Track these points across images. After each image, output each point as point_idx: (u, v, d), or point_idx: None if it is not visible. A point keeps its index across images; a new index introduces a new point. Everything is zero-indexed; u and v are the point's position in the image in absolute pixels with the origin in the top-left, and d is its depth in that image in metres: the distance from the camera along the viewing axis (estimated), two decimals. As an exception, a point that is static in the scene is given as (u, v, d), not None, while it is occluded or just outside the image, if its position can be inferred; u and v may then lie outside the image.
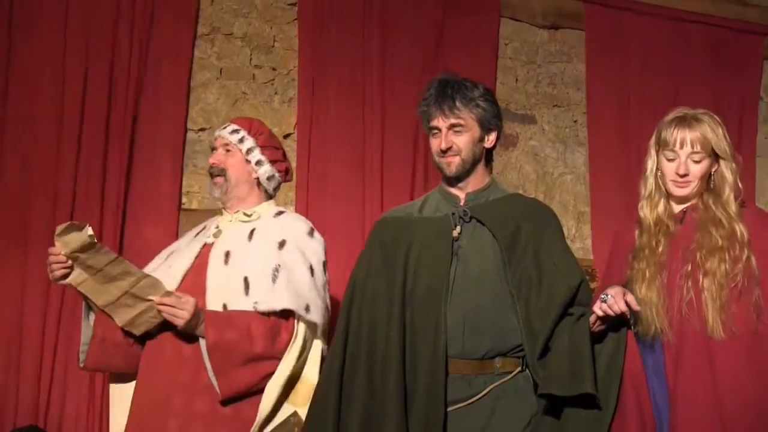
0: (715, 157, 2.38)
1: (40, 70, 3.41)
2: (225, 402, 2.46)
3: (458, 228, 2.42)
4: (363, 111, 3.79)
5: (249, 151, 2.67)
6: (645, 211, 2.44)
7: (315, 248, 2.66)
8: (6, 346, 3.23)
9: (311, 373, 2.54)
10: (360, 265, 2.51)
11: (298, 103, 3.75)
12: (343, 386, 2.37)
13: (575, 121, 4.26)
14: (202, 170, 3.58)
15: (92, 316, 2.56)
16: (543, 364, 2.28)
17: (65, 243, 2.38)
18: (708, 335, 2.23)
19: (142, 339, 2.56)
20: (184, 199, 3.63)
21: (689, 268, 2.30)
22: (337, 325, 2.48)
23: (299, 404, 2.50)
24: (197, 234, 2.74)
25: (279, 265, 2.54)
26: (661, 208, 2.43)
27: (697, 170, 2.38)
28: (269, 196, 2.76)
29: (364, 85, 3.81)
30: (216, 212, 2.81)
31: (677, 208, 2.44)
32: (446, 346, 2.30)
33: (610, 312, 2.23)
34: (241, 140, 2.68)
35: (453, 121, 2.43)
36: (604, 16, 4.26)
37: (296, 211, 3.63)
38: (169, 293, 2.45)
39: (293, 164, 3.68)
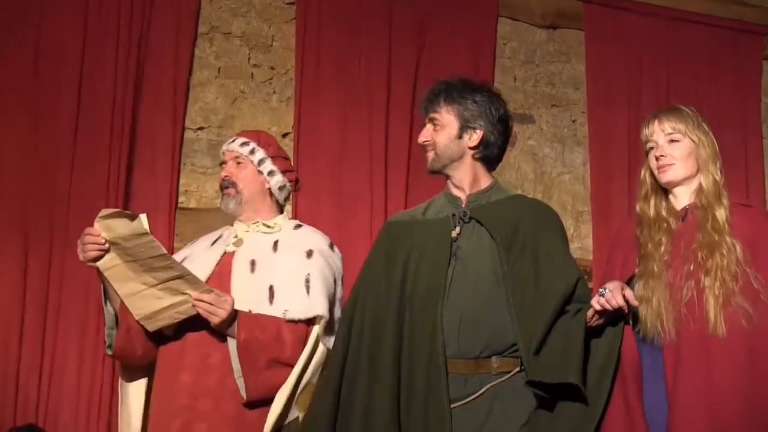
0: (694, 144, 2.41)
1: (39, 69, 3.42)
2: (251, 407, 2.45)
3: (458, 229, 2.43)
4: (361, 111, 3.79)
5: (261, 162, 2.68)
6: (643, 208, 2.45)
7: (336, 262, 2.69)
8: (5, 345, 3.23)
9: (315, 380, 2.54)
10: (364, 269, 2.53)
11: (295, 103, 3.75)
12: (347, 388, 2.37)
13: (574, 121, 4.26)
14: (200, 169, 3.58)
15: (109, 303, 2.55)
16: (537, 359, 2.28)
17: (107, 227, 2.33)
18: (709, 334, 2.23)
19: (159, 336, 2.55)
20: (182, 198, 3.62)
21: (691, 268, 2.29)
22: (338, 328, 2.49)
23: (303, 409, 2.52)
24: (214, 242, 2.72)
25: (309, 274, 2.55)
26: (660, 205, 2.44)
27: (675, 151, 2.39)
28: (280, 207, 2.77)
29: (362, 85, 3.81)
30: (213, 212, 2.81)
31: (678, 204, 2.44)
32: (444, 345, 2.30)
33: (607, 306, 2.22)
34: (252, 152, 2.68)
35: (431, 115, 2.47)
36: (603, 15, 4.26)
37: (293, 210, 3.64)
38: (209, 290, 2.43)
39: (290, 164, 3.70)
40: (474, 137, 2.47)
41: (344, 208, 3.71)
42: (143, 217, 2.35)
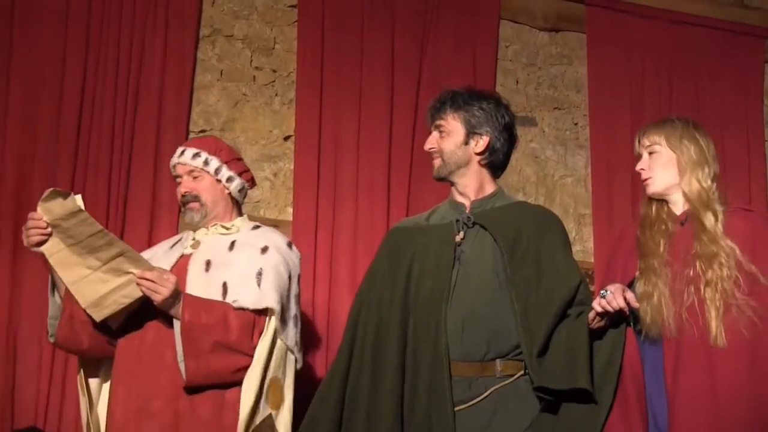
0: (674, 153, 2.43)
1: (40, 71, 3.42)
2: (196, 391, 2.45)
3: (461, 234, 2.44)
4: (363, 114, 3.79)
5: (217, 171, 2.69)
6: (646, 212, 2.48)
7: (294, 259, 2.71)
8: (3, 346, 3.22)
9: (279, 374, 2.55)
10: (368, 274, 2.56)
11: (296, 105, 3.75)
12: (351, 391, 2.39)
13: (576, 124, 4.25)
14: (202, 171, 3.58)
15: (56, 293, 2.54)
16: (541, 361, 2.29)
17: (48, 210, 2.34)
18: (711, 344, 2.23)
19: (112, 332, 2.54)
20: (185, 201, 3.63)
21: (691, 273, 2.31)
22: (344, 333, 2.50)
23: (273, 406, 2.52)
24: (173, 245, 2.75)
25: (262, 269, 2.57)
26: (661, 210, 2.46)
27: (653, 162, 2.43)
28: (239, 208, 2.79)
29: (364, 88, 3.81)
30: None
31: (677, 210, 2.45)
32: (447, 348, 2.31)
33: (608, 308, 2.23)
34: (206, 162, 2.68)
35: (437, 122, 2.51)
36: (604, 18, 4.26)
37: (294, 213, 3.65)
38: (151, 268, 2.43)
39: (292, 166, 3.70)
40: (480, 143, 2.50)
41: (346, 211, 3.70)
42: (78, 197, 2.36)
